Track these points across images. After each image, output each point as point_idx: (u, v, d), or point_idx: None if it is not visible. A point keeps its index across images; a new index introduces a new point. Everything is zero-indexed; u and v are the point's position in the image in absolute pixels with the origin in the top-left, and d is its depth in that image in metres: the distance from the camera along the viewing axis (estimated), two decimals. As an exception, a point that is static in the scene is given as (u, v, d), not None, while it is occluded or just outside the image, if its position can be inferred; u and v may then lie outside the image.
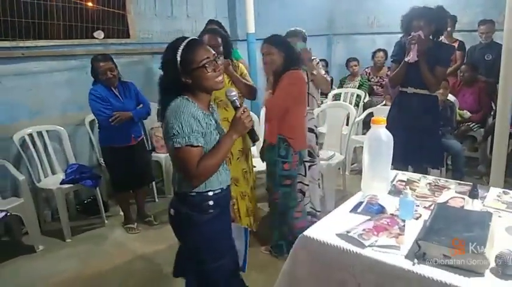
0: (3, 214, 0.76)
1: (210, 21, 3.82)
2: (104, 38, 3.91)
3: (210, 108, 1.68)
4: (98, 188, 3.49)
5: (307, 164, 3.19)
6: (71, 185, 3.33)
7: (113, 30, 4.01)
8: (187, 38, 1.58)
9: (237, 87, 2.92)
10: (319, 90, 3.28)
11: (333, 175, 3.67)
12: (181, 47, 1.53)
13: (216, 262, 1.65)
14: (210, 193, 1.61)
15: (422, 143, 3.01)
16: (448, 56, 3.08)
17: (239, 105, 1.62)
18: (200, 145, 1.51)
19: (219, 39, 2.81)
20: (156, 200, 4.02)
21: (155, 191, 4.03)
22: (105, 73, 3.11)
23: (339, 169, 3.83)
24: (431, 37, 2.95)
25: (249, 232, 1.87)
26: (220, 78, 1.59)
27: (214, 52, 1.60)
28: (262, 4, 5.30)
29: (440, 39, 3.09)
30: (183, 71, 1.52)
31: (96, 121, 3.35)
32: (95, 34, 3.87)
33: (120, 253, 3.12)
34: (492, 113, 4.32)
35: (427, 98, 3.03)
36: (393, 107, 3.23)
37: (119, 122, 3.13)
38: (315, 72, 3.04)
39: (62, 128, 3.54)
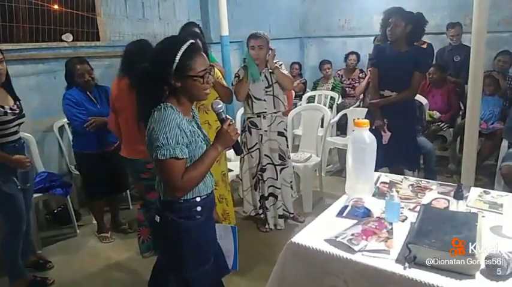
0: None
1: (190, 24, 3.55)
2: (73, 40, 3.78)
3: (191, 113, 1.64)
4: (68, 197, 3.35)
5: (278, 168, 3.21)
6: (40, 194, 3.17)
7: (82, 32, 3.88)
8: (186, 39, 1.52)
9: (217, 91, 2.90)
10: (285, 92, 3.28)
11: (310, 177, 3.69)
12: (182, 49, 1.47)
13: (201, 267, 1.62)
14: (198, 199, 1.59)
15: (399, 145, 3.06)
16: (426, 61, 3.17)
17: (225, 118, 1.59)
18: (185, 157, 1.47)
19: (200, 44, 2.76)
20: (131, 207, 3.91)
21: (129, 198, 3.92)
22: (83, 76, 3.02)
23: (316, 170, 3.85)
24: (405, 40, 2.99)
25: (236, 229, 1.84)
26: (208, 90, 1.56)
27: (210, 63, 1.56)
28: (236, 6, 5.28)
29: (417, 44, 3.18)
30: (176, 74, 1.47)
31: (68, 127, 3.23)
32: (64, 37, 3.73)
33: (95, 262, 3.01)
34: (461, 113, 4.47)
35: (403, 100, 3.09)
36: (369, 113, 3.28)
37: (94, 128, 3.03)
38: (276, 72, 3.04)
39: (30, 135, 3.37)
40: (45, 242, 3.27)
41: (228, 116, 1.60)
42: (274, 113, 3.15)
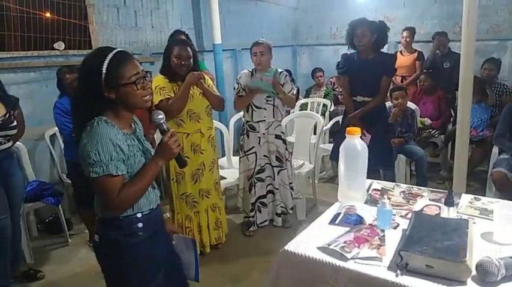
0: None
1: (177, 32, 3.66)
2: (65, 49, 3.77)
3: (133, 125, 1.57)
4: (60, 206, 3.32)
5: (276, 169, 3.24)
6: (31, 203, 3.15)
7: (74, 41, 3.87)
8: (114, 48, 1.44)
9: (208, 99, 2.91)
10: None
11: (303, 184, 3.69)
12: (108, 58, 1.38)
13: (146, 285, 1.54)
14: (139, 215, 1.50)
15: (373, 146, 3.11)
16: (392, 65, 3.31)
17: (166, 129, 1.51)
18: (120, 173, 1.39)
19: (190, 51, 2.78)
20: (123, 216, 3.87)
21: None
22: (72, 85, 3.00)
23: (309, 177, 3.86)
24: (373, 48, 3.19)
25: (196, 241, 1.80)
26: (148, 97, 1.48)
27: (142, 68, 1.48)
28: (228, 15, 5.31)
29: (383, 50, 3.35)
30: (107, 85, 1.38)
31: (60, 135, 3.21)
32: (56, 45, 3.72)
33: (86, 272, 2.96)
34: (451, 119, 4.52)
35: None
36: (345, 115, 3.45)
37: None
38: (281, 96, 3.11)
39: (21, 144, 3.34)
40: (37, 252, 3.22)
41: (169, 128, 1.53)
42: (273, 121, 3.21)
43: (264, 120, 3.17)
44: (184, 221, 2.97)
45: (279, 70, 3.20)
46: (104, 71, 1.38)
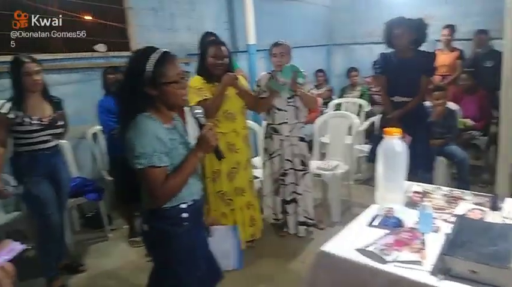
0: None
1: (207, 34, 3.73)
2: (105, 51, 3.89)
3: (174, 121, 1.64)
4: (101, 201, 3.45)
5: (300, 173, 3.20)
6: (74, 198, 3.28)
7: (113, 43, 3.99)
8: (158, 49, 1.53)
9: (244, 100, 2.93)
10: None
11: (338, 185, 3.65)
12: (155, 58, 1.48)
13: (192, 275, 1.61)
14: (183, 206, 1.58)
15: (412, 148, 3.03)
16: (431, 65, 3.21)
17: (205, 123, 1.60)
18: (163, 165, 1.48)
19: (225, 50, 2.81)
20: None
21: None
22: (113, 84, 3.12)
23: (344, 179, 3.81)
24: (412, 46, 3.11)
25: (237, 229, 1.82)
26: (185, 97, 1.58)
27: (182, 69, 1.57)
28: (262, 15, 5.32)
29: (421, 48, 3.23)
30: (151, 82, 1.48)
31: (102, 133, 3.34)
32: (96, 47, 3.85)
33: (125, 267, 3.07)
34: (494, 120, 4.33)
35: None
36: (383, 115, 3.39)
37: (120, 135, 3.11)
38: (299, 92, 3.04)
39: (65, 141, 3.50)
40: (78, 246, 3.36)
41: (207, 122, 1.60)
42: (295, 123, 3.16)
43: (287, 123, 3.12)
44: (220, 219, 3.01)
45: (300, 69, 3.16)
46: (149, 69, 1.47)
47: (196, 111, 1.61)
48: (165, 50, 1.53)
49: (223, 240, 1.77)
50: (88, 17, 3.82)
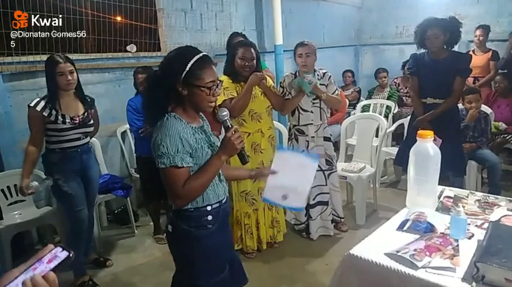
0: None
1: (234, 34, 3.75)
2: (136, 51, 3.97)
3: (201, 120, 1.64)
4: (128, 198, 3.52)
5: (327, 173, 3.18)
6: (103, 195, 3.36)
7: (144, 43, 4.07)
8: (199, 50, 1.54)
9: (269, 100, 2.93)
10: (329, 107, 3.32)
11: (364, 188, 3.59)
12: (195, 58, 1.49)
13: (214, 278, 1.60)
14: (208, 208, 1.58)
15: (444, 151, 2.95)
16: (467, 65, 3.12)
17: (230, 126, 1.57)
18: (186, 165, 1.48)
19: (254, 52, 2.82)
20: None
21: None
22: (142, 84, 3.18)
23: (370, 181, 3.76)
24: (445, 46, 3.05)
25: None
26: (213, 104, 1.56)
27: (218, 77, 1.56)
28: (290, 15, 5.31)
29: (455, 48, 3.16)
30: (184, 80, 1.48)
31: (130, 132, 3.40)
32: (128, 48, 3.93)
33: (150, 263, 3.12)
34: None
35: None
36: (413, 117, 3.32)
37: (147, 134, 3.15)
38: (323, 96, 3.02)
39: (96, 139, 3.59)
40: (105, 241, 3.45)
41: (232, 125, 1.58)
42: (320, 124, 3.16)
43: (312, 124, 3.10)
44: (243, 218, 3.02)
45: (323, 71, 3.14)
46: (187, 68, 1.47)
47: (223, 113, 1.60)
48: (206, 53, 1.55)
49: (301, 173, 1.71)
50: (119, 18, 3.91)
